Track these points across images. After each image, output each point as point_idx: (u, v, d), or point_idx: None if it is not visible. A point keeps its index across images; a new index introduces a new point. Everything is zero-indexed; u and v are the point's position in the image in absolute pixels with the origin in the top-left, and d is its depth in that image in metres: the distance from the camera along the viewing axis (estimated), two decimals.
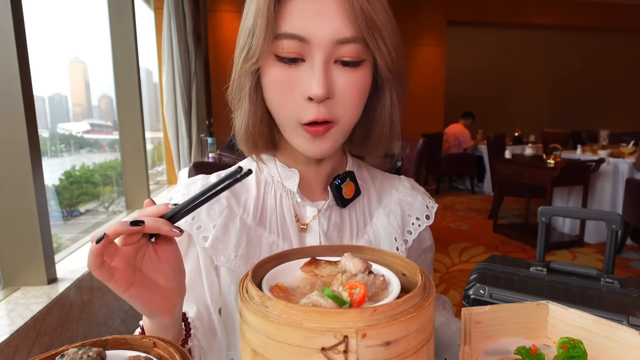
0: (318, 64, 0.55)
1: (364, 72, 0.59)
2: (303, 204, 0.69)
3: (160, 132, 3.79)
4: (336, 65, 0.57)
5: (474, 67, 8.67)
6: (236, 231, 0.65)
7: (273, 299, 0.34)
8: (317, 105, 0.57)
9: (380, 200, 0.75)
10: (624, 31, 8.41)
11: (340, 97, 0.58)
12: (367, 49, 0.57)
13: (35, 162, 1.22)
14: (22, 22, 1.19)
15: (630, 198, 3.60)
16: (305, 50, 0.56)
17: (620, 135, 6.05)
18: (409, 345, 0.34)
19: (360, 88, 0.59)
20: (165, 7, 2.93)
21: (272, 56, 0.57)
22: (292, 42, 0.55)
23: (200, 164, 1.88)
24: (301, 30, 0.55)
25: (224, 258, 0.64)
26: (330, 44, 0.55)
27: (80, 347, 0.38)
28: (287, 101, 0.58)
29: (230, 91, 0.65)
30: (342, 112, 0.59)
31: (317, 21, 0.54)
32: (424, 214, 0.75)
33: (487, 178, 6.77)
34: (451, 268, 3.55)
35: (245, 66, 0.59)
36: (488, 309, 0.50)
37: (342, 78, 0.57)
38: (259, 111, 0.63)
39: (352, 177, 0.71)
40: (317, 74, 0.55)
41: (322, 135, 0.60)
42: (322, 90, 0.55)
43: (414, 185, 0.79)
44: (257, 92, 0.62)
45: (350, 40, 0.55)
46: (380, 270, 0.44)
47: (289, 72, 0.57)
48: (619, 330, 0.44)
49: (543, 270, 0.93)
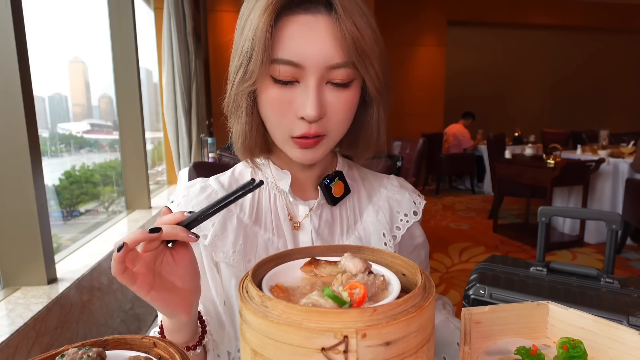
0: (312, 88, 0.60)
1: (352, 91, 0.63)
2: (296, 203, 0.74)
3: (160, 132, 3.79)
4: (327, 85, 0.62)
5: (474, 67, 8.67)
6: (233, 229, 0.69)
7: (273, 299, 0.34)
8: (309, 124, 0.62)
9: (370, 198, 0.79)
10: (624, 31, 8.41)
11: (332, 115, 0.63)
12: (357, 71, 0.61)
13: (35, 162, 1.22)
14: (22, 22, 1.19)
15: (630, 198, 3.60)
16: (299, 74, 0.60)
17: (620, 135, 6.06)
18: (409, 345, 0.34)
19: (349, 105, 0.64)
20: (165, 7, 2.93)
21: (269, 78, 0.61)
22: (287, 67, 0.59)
23: (200, 164, 1.88)
24: (296, 57, 0.58)
25: (222, 254, 0.68)
26: (322, 69, 0.59)
27: (80, 347, 0.38)
28: (282, 118, 0.62)
29: (227, 104, 0.68)
30: (332, 127, 0.64)
31: (310, 48, 0.58)
32: (411, 210, 0.79)
33: (487, 178, 6.78)
34: (451, 268, 3.55)
35: (241, 86, 0.62)
36: (488, 309, 0.50)
37: (333, 97, 0.62)
38: (254, 124, 0.67)
39: (341, 176, 0.75)
40: (310, 96, 0.59)
41: (312, 148, 0.64)
42: (315, 112, 0.59)
43: (402, 184, 0.83)
44: (254, 108, 0.66)
45: (341, 65, 0.60)
46: (380, 270, 0.44)
47: (284, 92, 0.61)
48: (618, 330, 0.44)
49: (543, 270, 0.93)
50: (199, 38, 3.56)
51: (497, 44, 8.64)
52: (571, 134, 7.19)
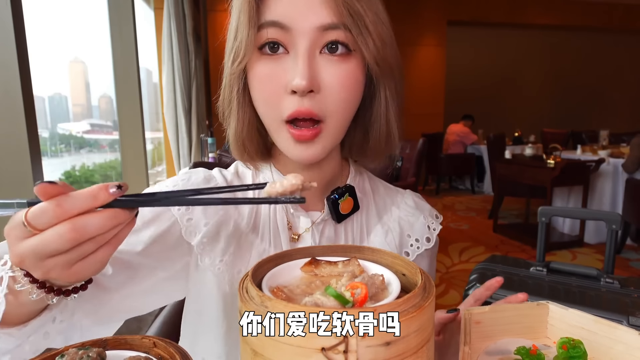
0: (301, 53, 0.53)
1: (353, 64, 0.55)
2: (297, 214, 0.66)
3: (160, 132, 3.79)
4: (323, 55, 0.54)
5: (474, 67, 8.67)
6: (227, 235, 0.63)
7: (273, 299, 0.35)
8: (300, 99, 0.53)
9: (380, 216, 0.71)
10: (624, 31, 8.41)
11: (327, 91, 0.54)
12: (354, 40, 0.54)
13: (35, 162, 1.22)
14: (22, 22, 1.19)
15: (630, 198, 3.60)
16: (287, 39, 0.53)
17: (620, 135, 6.06)
18: (409, 345, 0.34)
19: (350, 81, 0.55)
20: (165, 7, 2.93)
21: (257, 52, 0.55)
22: (273, 30, 0.53)
23: (200, 164, 1.88)
24: (282, 17, 0.53)
25: (208, 260, 0.62)
26: (313, 30, 0.53)
27: (80, 347, 0.38)
28: (271, 96, 0.55)
29: (221, 101, 0.63)
30: (329, 108, 0.55)
31: (298, 7, 0.52)
32: (424, 236, 0.71)
33: (487, 178, 6.78)
34: (451, 268, 3.55)
35: (233, 67, 0.57)
36: (488, 309, 0.50)
37: (330, 68, 0.54)
38: (247, 114, 0.61)
39: (352, 192, 0.67)
40: (300, 63, 0.52)
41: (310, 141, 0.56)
42: (305, 81, 0.51)
43: (418, 203, 0.74)
44: (245, 95, 0.60)
45: (335, 26, 0.53)
46: (380, 270, 0.44)
47: (272, 65, 0.55)
48: (618, 330, 0.44)
49: (543, 270, 0.93)
50: (199, 38, 3.56)
51: (497, 44, 8.64)
52: (571, 134, 7.19)
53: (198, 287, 0.65)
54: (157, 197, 0.42)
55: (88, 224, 0.37)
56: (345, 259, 0.46)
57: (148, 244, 0.60)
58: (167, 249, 0.62)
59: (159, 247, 0.61)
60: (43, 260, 0.38)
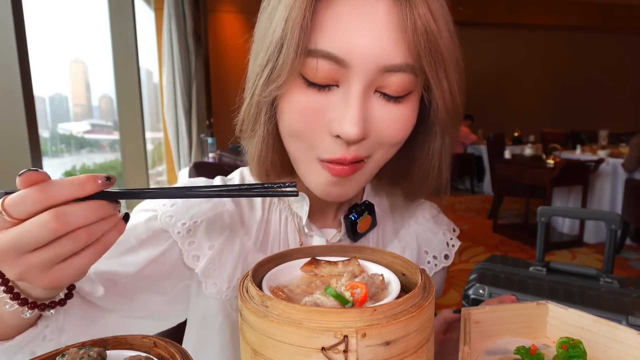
0: (355, 95, 0.44)
1: (410, 105, 0.47)
2: (310, 234, 0.60)
3: (161, 132, 3.79)
4: (376, 95, 0.46)
5: (473, 67, 8.67)
6: (234, 257, 0.56)
7: (273, 298, 0.35)
8: (346, 146, 0.46)
9: (397, 232, 0.66)
10: (623, 31, 8.41)
11: (378, 134, 0.47)
12: (417, 81, 0.46)
13: (35, 162, 1.22)
14: (22, 23, 1.20)
15: (629, 198, 3.60)
16: (341, 74, 0.44)
17: (619, 135, 6.06)
18: (409, 344, 0.34)
19: (405, 125, 0.48)
20: (165, 7, 2.93)
21: (300, 78, 0.45)
22: (326, 64, 0.43)
23: (201, 164, 1.88)
24: (340, 50, 0.43)
25: (214, 287, 0.55)
26: (374, 70, 0.43)
27: (80, 347, 0.38)
28: (308, 133, 0.47)
29: (242, 119, 0.53)
30: (375, 150, 0.48)
31: (361, 39, 0.42)
32: (442, 253, 0.67)
33: (487, 178, 6.78)
34: (451, 268, 3.54)
35: (266, 89, 0.46)
36: (488, 308, 0.50)
37: (383, 112, 0.46)
38: (275, 142, 0.52)
39: (371, 210, 0.61)
40: (352, 107, 0.44)
41: (345, 178, 0.48)
42: (357, 130, 0.43)
43: (436, 218, 0.69)
44: (272, 119, 0.50)
45: (401, 69, 0.44)
46: (380, 270, 0.44)
47: (317, 98, 0.45)
48: (618, 330, 0.44)
49: (542, 270, 0.93)
50: (199, 38, 3.56)
51: (497, 44, 8.64)
52: (571, 134, 7.19)
53: (201, 315, 0.59)
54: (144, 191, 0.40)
55: (71, 213, 0.34)
56: (345, 259, 0.47)
57: (143, 266, 0.54)
58: (164, 272, 0.56)
59: (155, 269, 0.55)
60: (21, 256, 0.35)
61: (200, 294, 0.58)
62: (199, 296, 0.59)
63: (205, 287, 0.56)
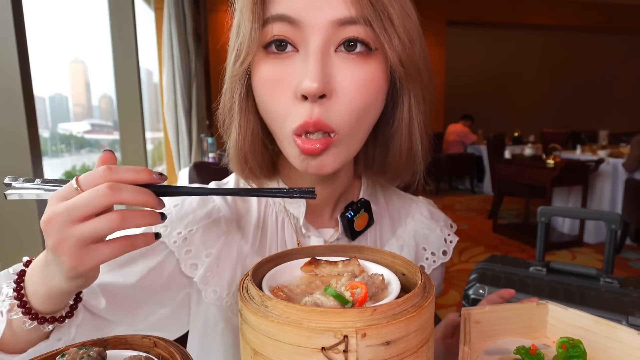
0: (313, 50, 0.45)
1: (374, 65, 0.47)
2: (308, 234, 0.60)
3: (161, 132, 3.79)
4: (338, 54, 0.46)
5: (473, 67, 8.68)
6: (232, 263, 0.56)
7: (273, 298, 0.35)
8: (310, 105, 0.46)
9: (394, 230, 0.67)
10: (624, 31, 8.41)
11: (342, 96, 0.46)
12: (375, 36, 0.46)
13: (35, 162, 1.22)
14: (22, 22, 1.20)
15: (629, 198, 3.60)
16: (297, 35, 0.46)
17: (619, 135, 6.06)
18: (409, 344, 0.34)
19: (369, 84, 0.47)
20: (165, 7, 2.93)
21: (262, 51, 0.48)
22: (281, 26, 0.46)
23: (201, 164, 1.88)
24: (291, 10, 0.45)
25: (214, 295, 0.55)
26: (327, 25, 0.45)
27: (80, 347, 0.38)
28: (278, 102, 0.48)
29: (222, 107, 0.55)
30: (343, 118, 0.47)
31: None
32: (440, 249, 0.67)
33: (487, 178, 6.78)
34: (451, 268, 3.55)
35: (234, 68, 0.50)
36: (488, 308, 0.50)
37: (346, 69, 0.46)
38: (250, 123, 0.53)
39: (368, 207, 0.61)
40: (311, 62, 0.45)
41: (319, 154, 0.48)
42: (316, 83, 0.44)
43: (433, 213, 0.70)
44: (248, 100, 0.52)
45: (353, 21, 0.45)
46: (379, 270, 0.44)
47: (279, 67, 0.47)
48: (618, 329, 0.45)
49: (543, 270, 0.93)
50: (199, 38, 3.56)
51: (497, 44, 8.64)
52: (571, 134, 7.19)
53: (202, 323, 0.59)
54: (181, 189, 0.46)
55: (123, 188, 0.39)
56: (345, 259, 0.47)
57: (142, 275, 0.55)
58: (163, 282, 0.56)
59: (154, 278, 0.56)
60: (68, 224, 0.38)
61: (201, 302, 0.58)
62: (199, 305, 0.59)
63: (205, 295, 0.56)
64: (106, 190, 0.38)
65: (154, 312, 0.58)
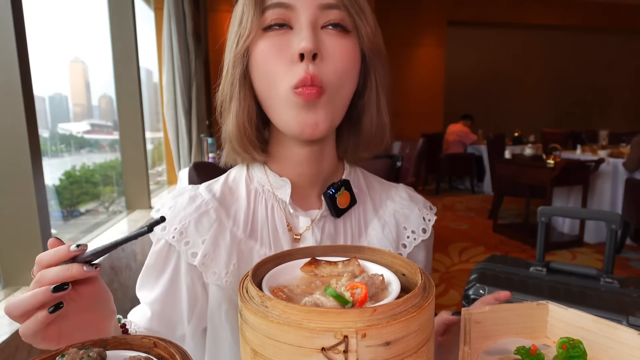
0: (305, 24, 0.57)
1: (352, 41, 0.60)
2: (296, 214, 0.66)
3: (160, 132, 3.79)
4: (324, 30, 0.59)
5: (473, 67, 8.68)
6: (226, 246, 0.63)
7: (273, 299, 0.35)
8: (306, 64, 0.56)
9: (376, 211, 0.72)
10: (624, 31, 8.42)
11: (330, 60, 0.58)
12: (351, 22, 0.60)
13: (35, 162, 1.22)
14: (22, 22, 1.20)
15: (629, 198, 3.60)
16: (291, 16, 0.58)
17: (619, 135, 6.06)
18: (409, 345, 0.34)
19: (349, 53, 0.59)
20: (165, 7, 2.93)
21: (261, 32, 0.59)
22: (277, 10, 0.58)
23: (200, 164, 1.88)
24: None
25: (214, 275, 0.62)
26: (315, 7, 0.57)
27: (80, 347, 0.38)
28: (278, 65, 0.58)
29: (222, 89, 0.64)
30: (331, 78, 0.58)
31: None
32: (420, 227, 0.72)
33: (487, 178, 6.78)
34: (451, 268, 3.55)
35: (237, 48, 0.60)
36: (488, 309, 0.50)
37: (331, 40, 0.58)
38: (248, 98, 0.62)
39: (347, 186, 0.68)
40: (304, 31, 0.57)
41: (315, 102, 0.57)
42: (310, 44, 0.55)
43: (412, 196, 0.75)
44: (246, 79, 0.61)
45: (335, 6, 0.58)
46: (380, 270, 0.44)
47: (277, 39, 0.58)
48: (618, 330, 0.44)
49: (543, 270, 0.93)
50: (199, 38, 3.55)
51: (497, 44, 8.65)
52: (571, 134, 7.19)
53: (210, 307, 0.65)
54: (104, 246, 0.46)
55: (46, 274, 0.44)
56: (345, 259, 0.47)
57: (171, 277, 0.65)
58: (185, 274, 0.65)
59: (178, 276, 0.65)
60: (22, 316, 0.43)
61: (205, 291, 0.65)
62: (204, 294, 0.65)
63: (205, 277, 0.62)
64: (35, 285, 0.44)
65: (194, 306, 0.66)
